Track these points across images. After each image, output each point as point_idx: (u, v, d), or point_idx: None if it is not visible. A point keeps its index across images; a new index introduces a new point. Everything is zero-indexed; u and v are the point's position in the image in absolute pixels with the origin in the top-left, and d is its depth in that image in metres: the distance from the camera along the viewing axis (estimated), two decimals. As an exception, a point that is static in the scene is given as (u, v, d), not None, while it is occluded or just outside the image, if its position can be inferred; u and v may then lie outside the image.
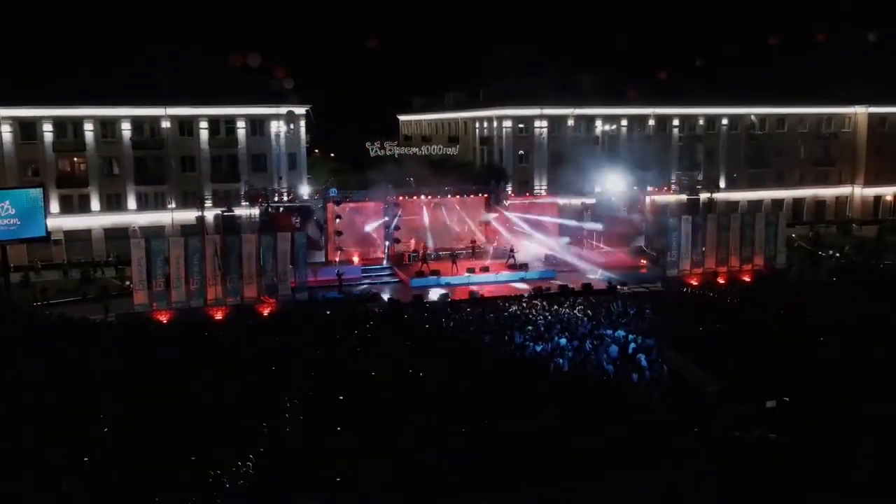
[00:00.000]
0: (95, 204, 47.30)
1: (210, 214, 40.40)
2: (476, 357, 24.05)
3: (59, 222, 46.57)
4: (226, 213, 36.25)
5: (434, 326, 28.53)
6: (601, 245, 43.95)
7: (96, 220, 47.17)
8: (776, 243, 41.70)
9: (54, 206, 46.55)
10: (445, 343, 26.10)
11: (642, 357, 23.30)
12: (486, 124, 59.91)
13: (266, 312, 33.92)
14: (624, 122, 57.19)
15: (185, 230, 44.15)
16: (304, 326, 28.83)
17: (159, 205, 48.01)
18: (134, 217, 47.42)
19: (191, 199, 46.84)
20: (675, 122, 58.63)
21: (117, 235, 46.61)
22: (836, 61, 58.94)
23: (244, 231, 36.09)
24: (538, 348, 25.82)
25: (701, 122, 59.36)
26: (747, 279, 40.60)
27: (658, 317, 29.85)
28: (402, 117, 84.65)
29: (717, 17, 58.02)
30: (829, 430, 17.70)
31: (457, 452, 17.03)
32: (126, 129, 47.28)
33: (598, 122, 56.45)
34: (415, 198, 44.62)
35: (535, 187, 53.62)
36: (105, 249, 46.80)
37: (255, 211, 39.11)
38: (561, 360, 24.29)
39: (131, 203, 47.86)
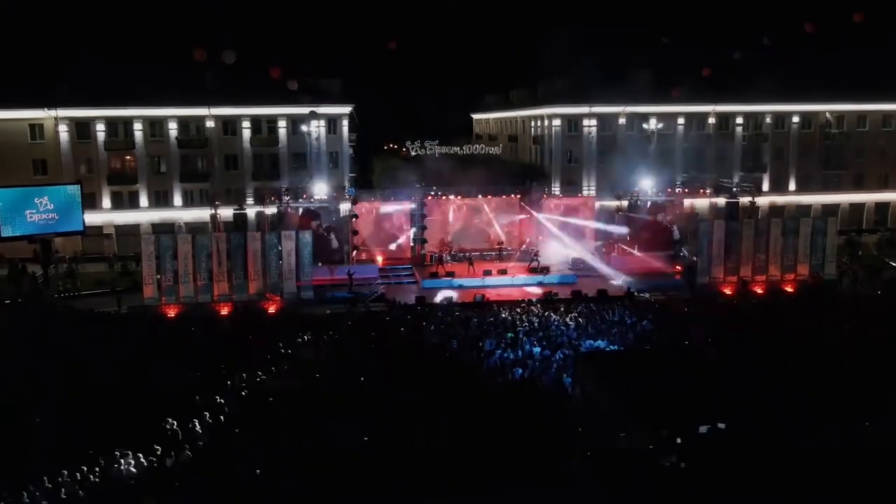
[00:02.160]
0: (144, 200, 49.37)
1: (252, 212, 41.04)
2: (424, 361, 23.21)
3: (111, 217, 48.96)
4: (237, 212, 36.84)
5: (409, 329, 27.87)
6: (632, 250, 41.75)
7: (144, 215, 49.19)
8: (825, 251, 38.40)
9: (106, 202, 48.97)
10: (408, 346, 25.38)
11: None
12: (537, 123, 58.48)
13: (271, 310, 34.34)
14: (680, 121, 54.24)
15: (227, 227, 45.34)
16: (285, 324, 28.88)
17: (203, 201, 49.53)
18: (180, 213, 49.10)
19: (234, 196, 48.01)
20: (739, 119, 55.09)
21: (164, 230, 48.25)
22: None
23: (256, 229, 36.75)
24: (508, 356, 24.74)
25: (768, 119, 55.47)
26: (790, 290, 37.63)
27: (653, 328, 27.99)
28: (475, 116, 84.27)
29: (787, 3, 53.82)
30: (753, 462, 15.85)
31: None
32: (173, 128, 49.08)
33: (653, 121, 53.77)
34: (443, 198, 44.06)
35: (584, 188, 51.76)
36: (152, 244, 48.73)
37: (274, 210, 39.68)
38: (520, 370, 23.10)
39: (177, 200, 49.62)
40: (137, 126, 48.74)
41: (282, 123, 50.21)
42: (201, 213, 49.45)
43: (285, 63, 50.95)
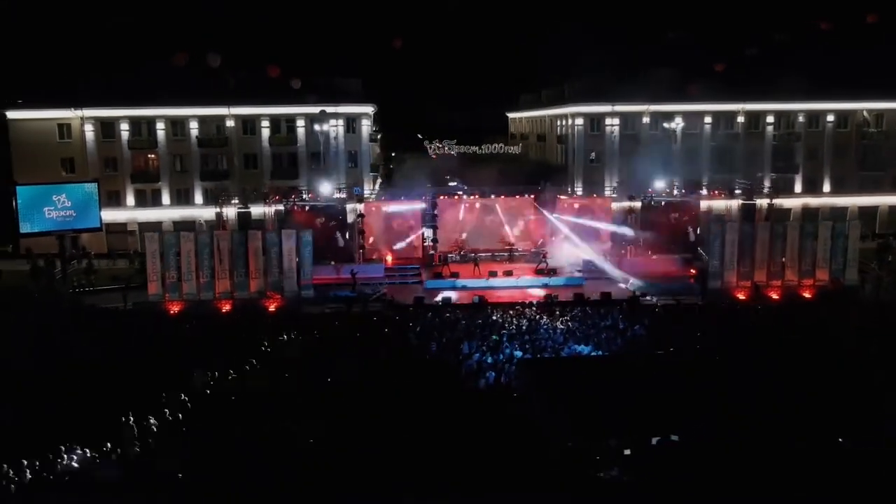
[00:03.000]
0: (166, 198, 50.33)
1: (272, 210, 41.42)
2: (397, 363, 22.96)
3: (134, 214, 50.09)
4: (241, 211, 37.18)
5: (394, 330, 27.67)
6: (645, 252, 40.70)
7: (166, 213, 50.14)
8: (846, 256, 36.74)
9: (129, 200, 50.13)
10: (387, 347, 25.17)
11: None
12: (562, 122, 57.64)
13: (272, 308, 34.56)
14: (707, 120, 52.69)
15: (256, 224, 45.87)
16: (273, 322, 29.00)
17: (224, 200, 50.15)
18: (200, 211, 49.85)
19: (253, 195, 48.42)
20: (770, 118, 53.22)
21: (185, 228, 49.02)
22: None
23: (261, 228, 37.02)
24: (487, 359, 24.30)
25: (801, 118, 53.42)
26: (807, 295, 36.16)
27: (646, 333, 27.17)
28: (510, 115, 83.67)
29: None
30: (703, 475, 15.18)
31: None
32: (194, 127, 49.90)
33: (678, 119, 52.39)
34: (456, 197, 43.73)
35: (606, 188, 50.75)
36: (173, 241, 49.66)
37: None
38: (493, 374, 22.65)
39: (198, 198, 50.41)
40: (160, 125, 49.74)
41: (300, 123, 50.55)
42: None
43: (305, 63, 51.44)
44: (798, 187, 53.89)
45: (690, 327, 28.22)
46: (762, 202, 39.00)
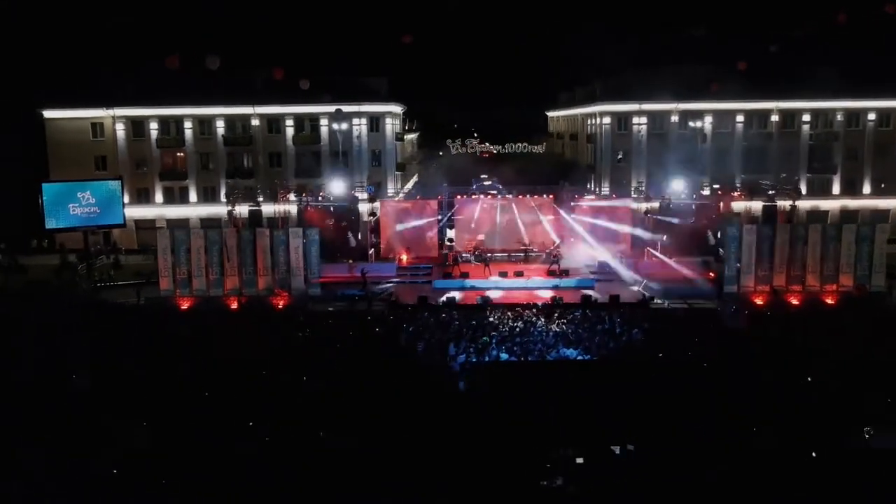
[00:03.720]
0: (193, 195, 51.30)
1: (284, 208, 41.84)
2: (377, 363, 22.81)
3: (162, 211, 51.22)
4: (252, 209, 37.62)
5: (386, 329, 27.58)
6: (661, 255, 39.66)
7: (194, 210, 51.11)
8: (871, 260, 35.12)
9: (158, 197, 51.31)
10: (369, 347, 25.08)
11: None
12: (592, 121, 56.71)
13: (280, 305, 34.89)
14: (739, 118, 51.08)
15: (271, 222, 46.47)
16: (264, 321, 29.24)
17: (248, 197, 50.80)
18: (226, 209, 50.51)
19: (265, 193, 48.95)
20: (806, 117, 51.28)
21: (211, 225, 50.02)
22: None
23: (271, 226, 37.40)
24: (471, 361, 23.99)
25: (839, 116, 51.33)
26: (830, 301, 34.70)
27: (643, 338, 26.43)
28: (550, 113, 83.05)
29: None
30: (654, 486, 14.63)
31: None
32: (220, 126, 50.74)
33: (707, 118, 50.94)
34: (473, 197, 43.41)
35: (632, 188, 49.70)
36: (200, 238, 50.63)
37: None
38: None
39: (224, 195, 51.15)
40: (188, 125, 50.71)
41: (323, 122, 50.88)
42: (246, 209, 50.92)
43: (332, 63, 51.83)
44: (836, 188, 51.82)
45: (692, 332, 27.32)
46: (784, 203, 37.43)
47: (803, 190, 51.25)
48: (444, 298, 34.44)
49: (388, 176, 52.19)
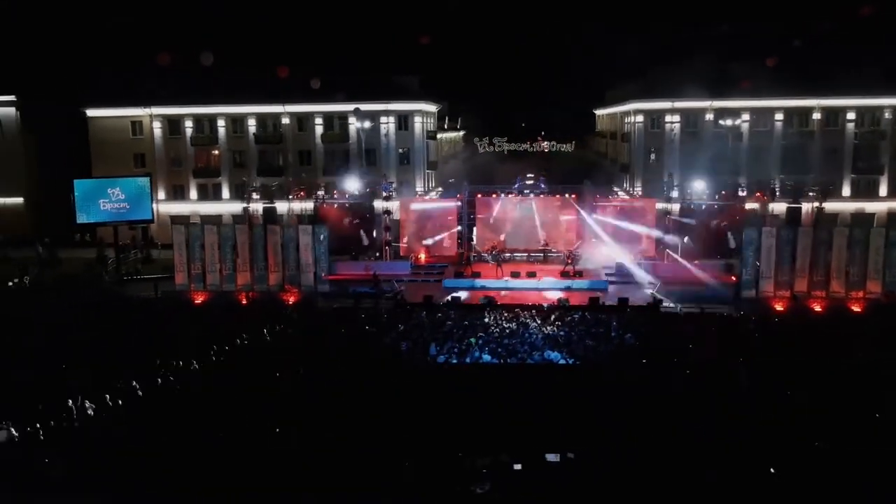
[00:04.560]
0: (226, 192, 52.47)
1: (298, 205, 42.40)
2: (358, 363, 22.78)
3: (197, 207, 52.57)
4: (266, 206, 38.17)
5: (378, 328, 27.61)
6: (679, 258, 38.49)
7: (226, 206, 52.21)
8: (903, 266, 33.27)
9: (193, 193, 52.68)
10: (354, 345, 25.10)
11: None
12: (628, 119, 55.50)
13: (290, 301, 35.31)
14: (778, 116, 49.13)
15: (302, 219, 47.19)
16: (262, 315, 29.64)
17: (280, 195, 51.69)
18: (257, 206, 51.43)
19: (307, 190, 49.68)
20: (850, 115, 48.94)
21: (242, 221, 51.12)
22: None
23: (286, 223, 37.89)
24: (452, 362, 23.77)
25: (887, 114, 48.79)
26: (857, 309, 33.00)
27: (634, 344, 25.65)
28: (597, 112, 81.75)
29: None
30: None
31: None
32: (252, 124, 51.73)
33: (746, 117, 49.17)
34: (493, 196, 43.02)
35: (664, 189, 48.38)
36: (230, 233, 51.79)
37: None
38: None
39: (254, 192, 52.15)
40: (221, 123, 51.89)
41: (352, 120, 51.26)
42: (279, 206, 51.75)
43: (363, 61, 52.19)
44: (883, 190, 49.33)
45: (692, 338, 26.35)
46: (810, 205, 35.83)
47: (847, 191, 49.16)
48: (448, 298, 34.20)
49: (416, 174, 52.23)
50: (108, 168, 50.26)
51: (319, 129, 51.62)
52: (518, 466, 15.76)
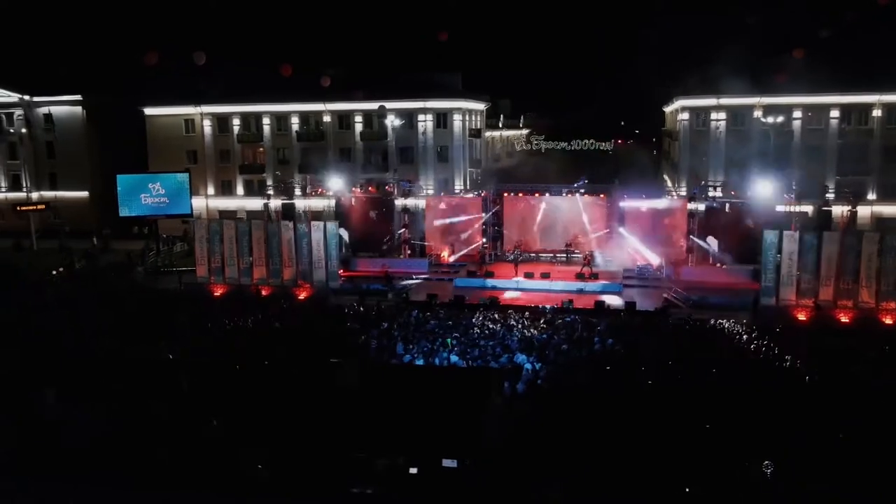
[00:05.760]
0: (270, 188, 53.79)
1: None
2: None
3: (243, 203, 54.23)
4: (285, 202, 38.98)
5: (360, 324, 27.75)
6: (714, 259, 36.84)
7: (270, 202, 53.48)
8: (940, 276, 30.63)
9: (240, 189, 54.40)
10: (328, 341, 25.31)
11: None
12: (679, 116, 53.43)
13: (302, 296, 35.99)
14: (834, 114, 46.10)
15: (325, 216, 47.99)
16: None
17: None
18: (299, 202, 52.60)
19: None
20: (916, 112, 45.44)
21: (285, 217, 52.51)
22: None
23: (305, 219, 38.57)
24: (418, 362, 23.64)
25: (959, 112, 45.05)
26: (889, 321, 30.68)
27: (611, 350, 24.73)
28: (666, 109, 79.30)
29: None
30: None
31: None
32: (295, 122, 52.89)
33: (798, 114, 46.42)
34: (520, 195, 42.39)
35: (709, 187, 46.36)
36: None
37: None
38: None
39: (296, 189, 53.36)
40: (266, 121, 53.32)
41: (390, 118, 51.56)
42: (318, 202, 52.83)
43: (408, 59, 52.46)
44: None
45: (686, 348, 25.09)
46: (845, 210, 33.48)
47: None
48: (452, 297, 33.97)
49: (455, 172, 52.06)
50: (164, 164, 52.49)
51: (359, 127, 52.21)
52: (414, 470, 15.55)
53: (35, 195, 57.90)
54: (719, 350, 24.98)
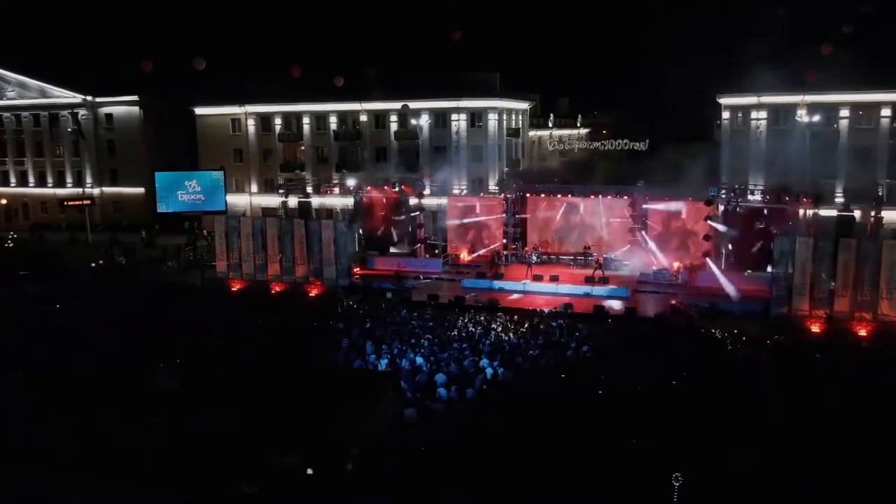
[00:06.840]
0: (309, 186, 54.95)
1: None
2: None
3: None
4: (301, 200, 39.74)
5: (347, 322, 28.11)
6: (713, 265, 35.30)
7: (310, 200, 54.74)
8: (968, 288, 28.37)
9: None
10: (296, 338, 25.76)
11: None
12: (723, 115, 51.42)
13: (312, 293, 36.69)
14: (885, 113, 43.28)
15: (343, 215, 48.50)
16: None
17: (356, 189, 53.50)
18: (335, 200, 53.69)
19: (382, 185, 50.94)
20: (977, 110, 42.12)
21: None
22: None
23: (322, 218, 39.32)
24: (383, 362, 23.77)
25: None
26: (910, 335, 28.68)
27: (584, 357, 24.15)
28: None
29: None
30: None
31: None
32: (333, 122, 53.84)
33: (845, 113, 43.84)
34: (542, 196, 41.83)
35: (751, 189, 44.45)
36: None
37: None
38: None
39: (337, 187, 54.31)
40: (306, 120, 54.49)
41: (424, 117, 51.76)
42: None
43: (445, 59, 52.58)
44: None
45: (669, 357, 24.19)
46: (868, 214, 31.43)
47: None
48: (452, 297, 33.87)
49: (489, 172, 51.76)
50: (213, 161, 54.42)
51: (394, 127, 52.66)
52: (310, 471, 15.71)
53: (96, 191, 61.18)
54: (698, 359, 23.99)
